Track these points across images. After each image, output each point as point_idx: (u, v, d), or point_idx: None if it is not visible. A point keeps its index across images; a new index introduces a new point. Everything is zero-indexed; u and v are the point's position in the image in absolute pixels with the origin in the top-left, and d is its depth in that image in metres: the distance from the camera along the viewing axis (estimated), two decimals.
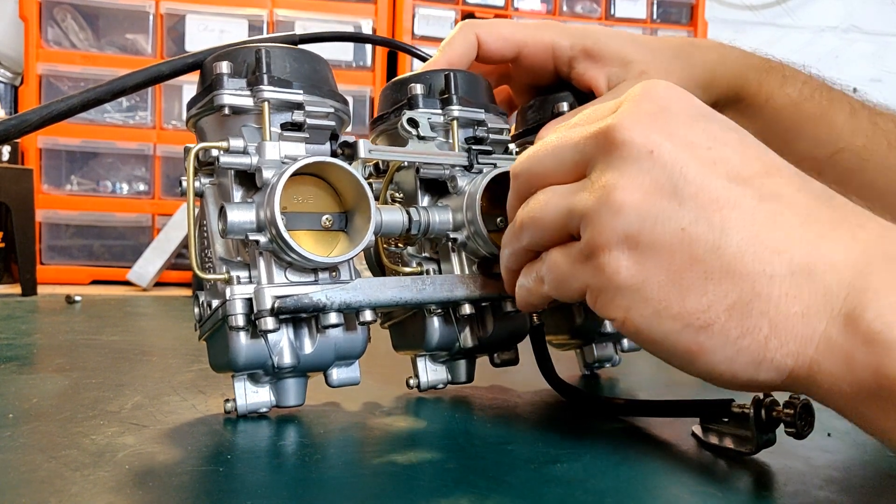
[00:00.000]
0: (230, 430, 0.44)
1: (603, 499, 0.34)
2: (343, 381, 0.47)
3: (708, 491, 0.35)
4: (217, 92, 0.43)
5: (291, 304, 0.41)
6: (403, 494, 0.34)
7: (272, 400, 0.46)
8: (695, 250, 0.31)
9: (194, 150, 0.43)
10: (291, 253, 0.41)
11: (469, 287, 0.47)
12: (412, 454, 0.41)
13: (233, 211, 0.41)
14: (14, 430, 0.43)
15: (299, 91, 0.44)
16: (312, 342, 0.44)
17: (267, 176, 0.42)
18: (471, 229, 0.47)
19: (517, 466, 0.38)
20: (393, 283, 0.45)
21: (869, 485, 0.38)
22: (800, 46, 2.68)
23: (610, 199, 0.33)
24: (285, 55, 0.45)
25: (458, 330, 0.50)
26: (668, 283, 0.32)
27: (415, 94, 0.49)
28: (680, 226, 0.32)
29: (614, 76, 0.55)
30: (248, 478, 0.36)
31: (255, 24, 1.95)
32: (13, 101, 2.05)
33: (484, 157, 0.50)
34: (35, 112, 0.46)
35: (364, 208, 0.43)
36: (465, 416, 0.49)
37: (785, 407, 0.38)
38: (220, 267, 0.45)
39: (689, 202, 0.32)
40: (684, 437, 0.44)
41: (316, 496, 0.33)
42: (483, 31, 0.55)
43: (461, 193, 0.48)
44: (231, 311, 0.42)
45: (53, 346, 0.79)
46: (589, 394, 0.52)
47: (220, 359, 0.45)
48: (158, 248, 1.73)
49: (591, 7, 2.23)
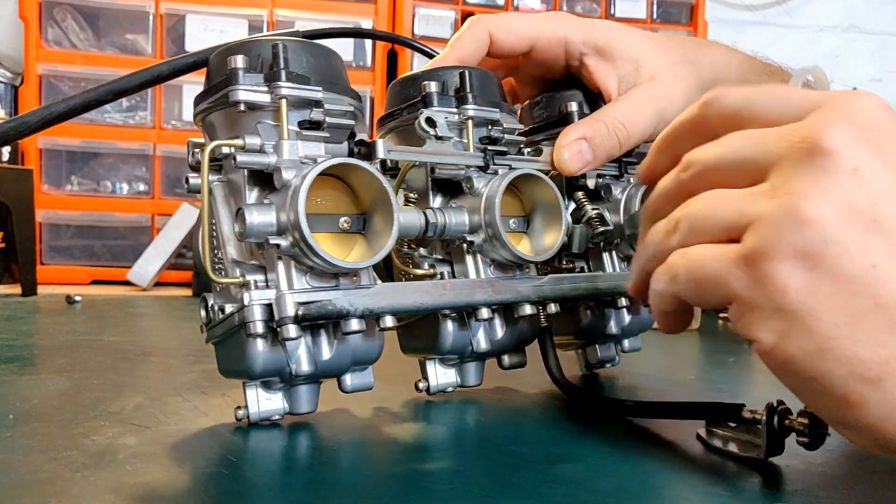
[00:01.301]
0: (234, 432, 0.44)
1: (607, 499, 0.33)
2: (357, 387, 0.45)
3: (714, 491, 0.35)
4: (232, 87, 0.41)
5: (315, 311, 0.39)
6: (408, 496, 0.34)
7: (285, 407, 0.44)
8: (883, 294, 0.27)
9: (209, 148, 0.41)
10: (315, 258, 0.39)
11: (488, 291, 0.46)
12: (417, 455, 0.41)
13: (252, 213, 0.39)
14: (15, 431, 0.43)
15: (318, 88, 0.43)
16: (330, 348, 0.43)
17: (287, 177, 0.40)
18: (488, 232, 0.46)
19: (522, 467, 0.38)
20: (414, 288, 0.43)
21: (870, 480, 0.38)
22: (800, 46, 2.68)
23: (796, 207, 0.28)
24: (302, 49, 0.44)
25: (472, 333, 0.49)
26: (843, 321, 0.28)
27: (429, 91, 0.48)
28: (871, 262, 0.28)
29: (625, 79, 0.54)
30: (253, 481, 0.36)
31: (255, 24, 1.95)
32: (13, 101, 2.05)
33: (499, 158, 0.49)
34: (34, 114, 0.46)
35: (384, 210, 0.42)
36: (470, 417, 0.49)
37: (799, 416, 0.37)
38: (232, 269, 0.43)
39: (887, 237, 0.28)
40: (689, 437, 0.44)
41: (325, 498, 0.33)
42: (495, 27, 0.54)
43: (477, 195, 0.47)
44: (250, 317, 0.40)
45: (54, 346, 0.79)
46: (598, 395, 0.51)
47: (234, 365, 0.44)
48: (158, 248, 1.73)
49: (591, 7, 2.23)
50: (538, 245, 0.50)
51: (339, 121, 0.43)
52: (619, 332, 0.59)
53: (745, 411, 0.39)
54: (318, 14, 1.99)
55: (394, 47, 2.06)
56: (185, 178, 0.44)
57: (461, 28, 0.54)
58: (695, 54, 0.57)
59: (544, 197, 0.50)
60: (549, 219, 0.50)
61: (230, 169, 0.44)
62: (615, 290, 0.53)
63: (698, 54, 0.57)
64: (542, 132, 0.56)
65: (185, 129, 1.89)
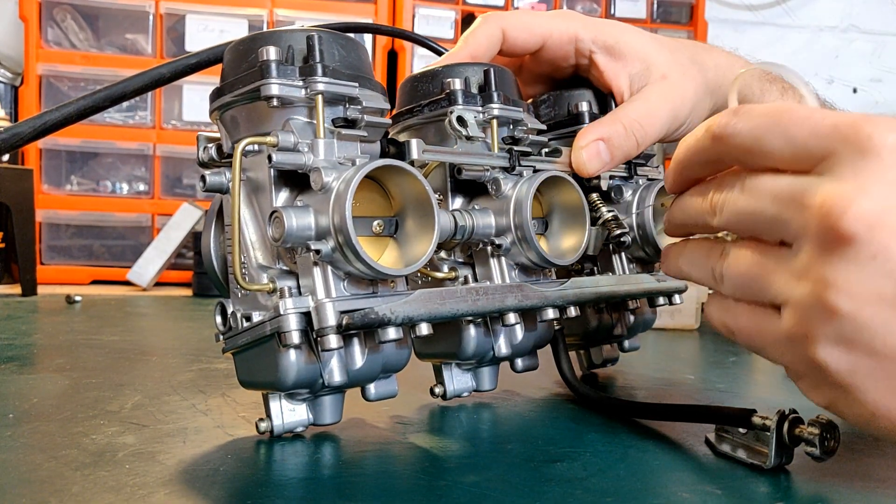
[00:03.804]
0: (232, 431, 0.44)
1: (603, 497, 0.34)
2: (381, 395, 0.44)
3: (706, 489, 0.35)
4: (265, 81, 0.38)
5: (359, 321, 0.37)
6: (404, 493, 0.34)
7: (310, 418, 0.42)
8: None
9: (243, 145, 0.38)
10: (359, 263, 0.37)
11: (518, 297, 0.45)
12: (410, 450, 0.41)
13: (290, 216, 0.37)
14: (14, 429, 0.43)
15: (354, 84, 0.40)
16: (363, 357, 0.41)
17: (327, 179, 0.37)
18: (517, 234, 0.45)
19: (517, 465, 0.38)
20: (449, 294, 0.42)
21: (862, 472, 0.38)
22: (799, 46, 2.67)
23: (824, 299, 0.29)
24: (334, 42, 0.41)
25: (495, 338, 0.48)
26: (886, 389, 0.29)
27: (454, 89, 0.46)
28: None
29: (636, 78, 0.54)
30: (249, 478, 0.36)
31: (255, 24, 1.95)
32: (13, 101, 2.05)
33: (524, 159, 0.48)
34: (27, 124, 0.43)
35: (419, 214, 0.40)
36: (466, 415, 0.49)
37: (810, 426, 0.37)
38: (258, 275, 0.40)
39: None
40: (684, 436, 0.44)
41: (318, 493, 0.33)
42: (508, 23, 0.53)
43: (503, 197, 0.46)
44: (286, 327, 0.37)
45: (53, 346, 0.79)
46: (607, 396, 0.51)
47: (260, 377, 0.41)
48: (158, 248, 1.73)
49: (591, 7, 2.23)
50: (556, 247, 0.49)
51: (376, 119, 0.41)
52: (625, 333, 0.59)
53: (755, 417, 0.39)
54: (318, 14, 1.99)
55: (394, 46, 2.06)
56: (201, 176, 0.41)
57: (473, 24, 0.54)
58: (700, 56, 0.57)
59: (567, 199, 0.49)
60: (571, 221, 0.49)
61: (251, 167, 0.41)
62: (632, 293, 0.53)
63: (703, 56, 0.57)
64: (552, 132, 0.55)
65: (185, 129, 1.88)
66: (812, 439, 0.37)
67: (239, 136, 0.41)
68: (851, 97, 2.61)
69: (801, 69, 0.43)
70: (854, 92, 2.65)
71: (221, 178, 0.41)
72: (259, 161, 0.40)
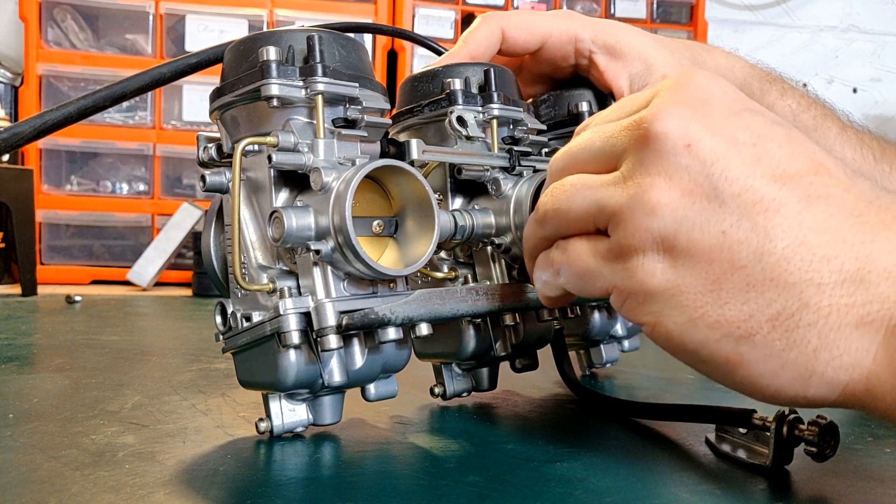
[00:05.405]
0: (232, 431, 0.44)
1: (602, 497, 0.34)
2: (381, 395, 0.44)
3: (706, 489, 0.35)
4: (265, 81, 0.38)
5: (359, 321, 0.37)
6: (404, 493, 0.34)
7: (310, 418, 0.42)
8: (736, 256, 0.29)
9: (243, 145, 0.38)
10: (359, 264, 0.37)
11: (517, 296, 0.45)
12: (410, 450, 0.41)
13: (290, 217, 0.37)
14: (14, 429, 0.43)
15: (354, 84, 0.40)
16: (363, 357, 0.41)
17: (327, 179, 0.37)
18: (517, 234, 0.45)
19: (517, 465, 0.38)
20: (449, 294, 0.42)
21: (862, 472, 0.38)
22: (799, 46, 2.67)
23: (644, 197, 0.31)
24: (335, 42, 0.41)
25: (494, 338, 0.48)
26: (706, 290, 0.30)
27: (454, 89, 0.46)
28: (720, 229, 0.30)
29: (637, 78, 0.54)
30: (249, 478, 0.36)
31: (255, 24, 1.95)
32: (13, 101, 2.05)
33: (524, 159, 0.48)
34: (27, 123, 0.43)
35: (419, 214, 0.40)
36: (465, 415, 0.49)
37: (809, 425, 0.37)
38: (258, 275, 0.41)
39: (730, 203, 0.30)
40: (683, 436, 0.44)
41: (317, 489, 0.33)
42: (508, 23, 0.53)
43: (503, 197, 0.46)
44: (286, 327, 0.38)
45: (53, 346, 0.79)
46: (607, 396, 0.51)
47: (260, 377, 0.41)
48: (158, 248, 1.73)
49: (591, 7, 2.23)
50: None
51: (377, 120, 0.41)
52: (626, 333, 0.59)
53: (755, 417, 0.39)
54: (318, 14, 1.99)
55: (394, 47, 2.06)
56: (201, 176, 0.41)
57: (473, 24, 0.53)
58: (700, 56, 0.57)
59: None
60: None
61: (250, 166, 0.41)
62: None
63: (704, 57, 0.57)
64: (552, 132, 0.55)
65: (184, 129, 1.88)
66: (812, 439, 0.37)
67: (239, 136, 0.41)
68: (851, 97, 2.61)
69: (801, 69, 0.43)
70: (854, 92, 2.65)
71: (221, 178, 0.41)
72: (259, 161, 0.40)
